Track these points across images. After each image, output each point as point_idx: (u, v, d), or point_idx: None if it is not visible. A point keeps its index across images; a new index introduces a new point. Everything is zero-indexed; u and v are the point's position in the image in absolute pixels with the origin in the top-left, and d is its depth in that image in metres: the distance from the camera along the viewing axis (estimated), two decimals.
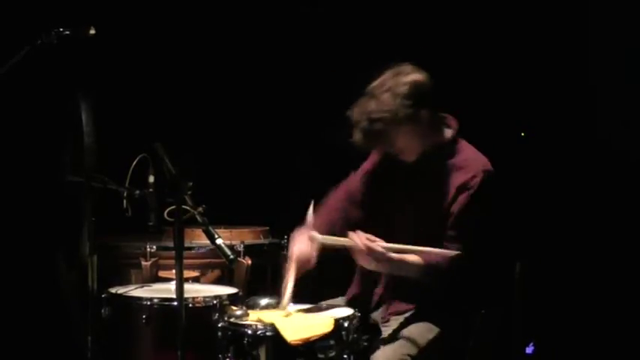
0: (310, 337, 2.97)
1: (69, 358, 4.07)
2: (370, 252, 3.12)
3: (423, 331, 3.24)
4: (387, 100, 3.20)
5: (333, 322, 3.04)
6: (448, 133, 3.38)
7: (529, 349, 4.45)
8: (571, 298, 4.70)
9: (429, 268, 3.19)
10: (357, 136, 3.24)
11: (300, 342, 2.96)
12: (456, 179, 3.28)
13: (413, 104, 3.20)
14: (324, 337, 3.00)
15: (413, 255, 3.19)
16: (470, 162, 3.32)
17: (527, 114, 4.92)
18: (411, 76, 3.25)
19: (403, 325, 3.28)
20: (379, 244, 3.13)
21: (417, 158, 3.32)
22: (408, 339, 3.21)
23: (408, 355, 3.16)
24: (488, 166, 3.34)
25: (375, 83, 3.27)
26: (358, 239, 3.14)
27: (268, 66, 5.03)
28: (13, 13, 4.32)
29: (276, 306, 3.21)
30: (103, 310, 3.33)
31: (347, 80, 5.00)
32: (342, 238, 3.20)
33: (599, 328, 4.64)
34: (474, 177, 3.27)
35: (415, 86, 3.23)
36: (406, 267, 3.19)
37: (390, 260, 3.14)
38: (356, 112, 3.25)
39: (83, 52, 3.84)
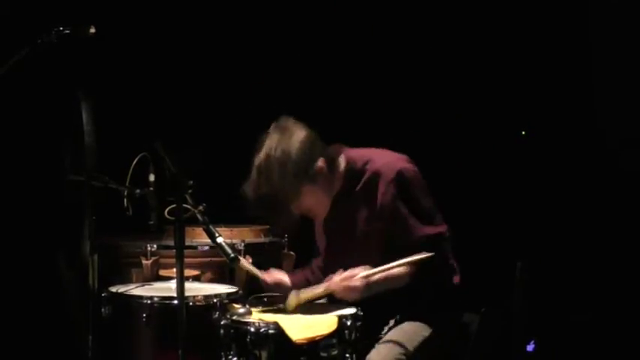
0: (315, 337, 2.98)
1: (69, 358, 4.07)
2: (352, 290, 3.12)
3: (418, 330, 3.24)
4: (276, 175, 3.13)
5: (336, 321, 3.04)
6: (342, 164, 3.30)
7: (530, 347, 4.45)
8: (572, 296, 4.70)
9: (417, 271, 3.18)
10: (259, 211, 3.24)
11: (305, 341, 2.96)
12: (373, 199, 3.22)
13: (305, 168, 3.15)
14: (327, 336, 3.00)
15: (397, 268, 3.16)
16: (377, 178, 3.23)
17: (527, 113, 4.93)
18: (294, 138, 3.17)
19: (398, 324, 3.27)
20: (357, 278, 3.12)
21: (330, 209, 3.30)
22: (403, 338, 3.21)
23: (404, 354, 3.16)
24: (395, 165, 3.24)
25: (260, 156, 3.19)
26: (335, 286, 3.14)
27: (268, 65, 5.03)
28: (13, 13, 4.31)
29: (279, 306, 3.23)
30: (103, 309, 3.33)
31: (346, 80, 5.03)
32: (320, 290, 3.20)
33: (599, 326, 4.64)
34: (384, 193, 3.21)
35: (302, 147, 3.16)
36: (394, 281, 3.18)
37: (375, 284, 3.14)
38: (250, 192, 3.21)
39: (83, 51, 3.84)
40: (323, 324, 3.02)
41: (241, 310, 3.11)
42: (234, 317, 3.09)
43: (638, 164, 4.66)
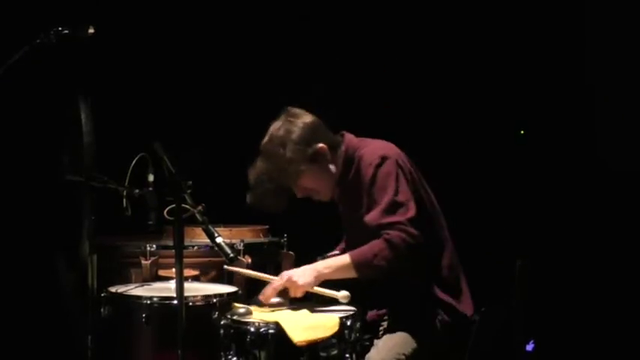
0: (317, 339, 2.97)
1: (69, 358, 4.07)
2: (300, 275, 3.18)
3: (417, 330, 3.24)
4: (282, 154, 3.18)
5: (338, 322, 3.03)
6: (342, 151, 3.34)
7: (529, 347, 4.45)
8: (571, 295, 4.71)
9: (365, 258, 3.13)
10: (257, 198, 3.26)
11: (305, 343, 2.96)
12: (360, 186, 3.25)
13: (304, 148, 3.20)
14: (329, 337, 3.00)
15: (339, 258, 3.20)
16: (364, 164, 3.25)
17: (526, 112, 4.93)
18: (299, 121, 3.24)
19: (397, 323, 3.27)
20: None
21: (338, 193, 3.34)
22: (403, 338, 3.21)
23: (403, 354, 3.17)
24: (378, 152, 3.23)
25: (265, 140, 3.25)
26: (279, 281, 3.20)
27: (266, 65, 5.03)
28: (13, 13, 4.31)
29: (277, 305, 3.22)
30: (102, 310, 3.33)
31: (343, 80, 5.02)
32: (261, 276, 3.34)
33: (599, 325, 4.64)
34: (365, 176, 3.22)
35: (305, 129, 3.22)
36: (338, 270, 3.18)
37: (318, 277, 3.17)
38: (254, 176, 3.26)
39: (82, 51, 3.84)
40: (325, 325, 3.01)
41: (241, 310, 3.11)
42: (234, 317, 3.09)
43: (634, 164, 4.66)
